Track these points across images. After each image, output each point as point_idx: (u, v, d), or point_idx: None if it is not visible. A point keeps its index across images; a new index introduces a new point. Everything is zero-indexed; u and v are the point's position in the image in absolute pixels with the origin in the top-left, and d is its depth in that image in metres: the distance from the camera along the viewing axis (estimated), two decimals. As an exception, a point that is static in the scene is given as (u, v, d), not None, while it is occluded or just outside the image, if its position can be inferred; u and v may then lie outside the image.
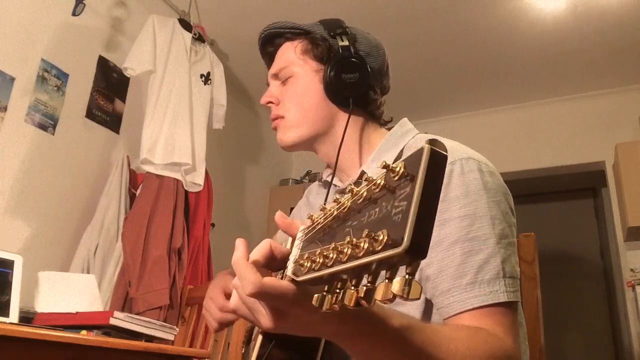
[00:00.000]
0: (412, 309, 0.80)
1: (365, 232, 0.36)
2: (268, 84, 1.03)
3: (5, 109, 2.08)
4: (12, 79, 2.12)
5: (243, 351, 0.86)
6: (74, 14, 2.29)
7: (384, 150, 0.92)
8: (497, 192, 0.79)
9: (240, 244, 0.54)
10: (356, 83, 0.92)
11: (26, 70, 2.18)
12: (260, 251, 0.54)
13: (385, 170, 0.38)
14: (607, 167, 3.35)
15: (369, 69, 0.93)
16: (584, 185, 4.17)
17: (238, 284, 0.52)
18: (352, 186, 0.42)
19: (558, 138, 3.51)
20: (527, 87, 3.50)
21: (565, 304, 4.02)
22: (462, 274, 0.72)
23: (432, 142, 0.36)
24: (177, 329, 1.78)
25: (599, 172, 3.52)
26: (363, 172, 0.90)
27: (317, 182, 1.10)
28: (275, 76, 0.99)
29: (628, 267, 3.15)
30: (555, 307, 3.92)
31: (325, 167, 1.05)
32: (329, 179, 1.01)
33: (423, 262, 0.75)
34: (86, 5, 2.31)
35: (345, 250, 0.37)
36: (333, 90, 0.92)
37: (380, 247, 0.34)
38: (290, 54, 0.97)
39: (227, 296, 0.88)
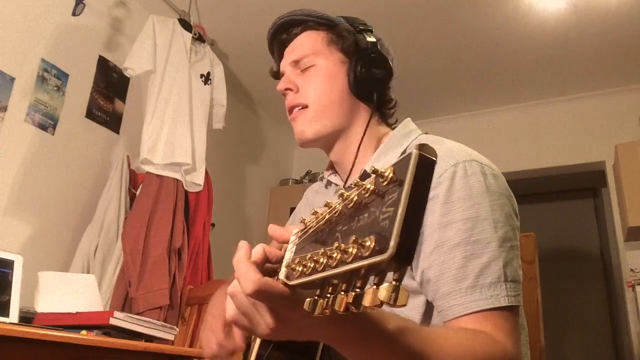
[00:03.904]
0: (412, 311, 0.79)
1: (353, 237, 0.36)
2: (276, 71, 1.01)
3: (5, 109, 2.08)
4: (12, 79, 2.12)
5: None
6: (74, 14, 2.29)
7: (387, 149, 0.92)
8: (500, 195, 0.79)
9: (242, 245, 0.54)
10: (382, 79, 0.92)
11: (26, 70, 2.18)
12: (254, 256, 0.54)
13: (374, 175, 0.38)
14: (607, 167, 3.35)
15: (392, 68, 0.94)
16: (584, 185, 4.17)
17: (235, 290, 0.52)
18: (343, 190, 0.42)
19: (558, 138, 3.51)
20: (528, 87, 3.50)
21: (565, 304, 4.02)
22: (463, 277, 0.72)
23: (421, 147, 0.36)
24: (177, 329, 1.78)
25: (599, 172, 3.51)
26: (365, 172, 0.90)
27: (318, 181, 1.10)
28: (296, 63, 0.96)
29: (628, 267, 3.15)
30: (555, 307, 3.91)
31: (327, 166, 1.05)
32: (330, 178, 1.01)
33: (424, 265, 0.76)
34: (86, 5, 2.31)
35: (334, 255, 0.37)
36: (360, 84, 0.91)
37: (367, 253, 0.34)
38: (314, 42, 0.95)
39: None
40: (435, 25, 2.94)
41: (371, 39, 0.93)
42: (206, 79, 2.73)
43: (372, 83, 0.92)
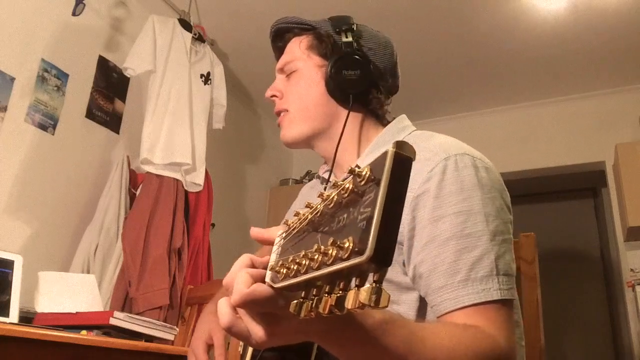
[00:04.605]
0: (406, 308, 0.79)
1: (332, 239, 0.36)
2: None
3: (5, 109, 2.08)
4: (12, 79, 2.12)
5: (241, 351, 0.86)
6: (74, 14, 2.29)
7: (379, 144, 0.92)
8: (492, 188, 0.78)
9: (243, 256, 0.54)
10: (357, 80, 0.91)
11: (26, 70, 2.18)
12: (240, 265, 0.54)
13: (351, 175, 0.38)
14: (607, 167, 3.35)
15: (372, 67, 0.92)
16: (584, 185, 4.17)
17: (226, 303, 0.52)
18: (323, 190, 0.43)
19: (558, 138, 3.51)
20: (527, 87, 3.50)
21: (565, 304, 4.02)
22: (455, 271, 0.72)
23: (398, 145, 0.35)
24: (177, 329, 1.78)
25: (599, 172, 3.52)
26: (357, 166, 0.90)
27: (315, 178, 1.11)
28: (281, 70, 1.00)
29: (628, 267, 3.15)
30: (555, 307, 3.91)
31: (323, 163, 1.05)
32: (325, 175, 1.01)
33: (416, 260, 0.76)
34: (86, 5, 2.31)
35: (315, 257, 0.37)
36: (333, 86, 0.92)
37: (346, 255, 0.34)
38: (295, 48, 0.97)
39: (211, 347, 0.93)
40: (434, 25, 2.94)
41: (347, 39, 0.93)
42: (206, 79, 2.73)
43: (345, 85, 0.91)
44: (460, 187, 0.76)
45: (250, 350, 0.78)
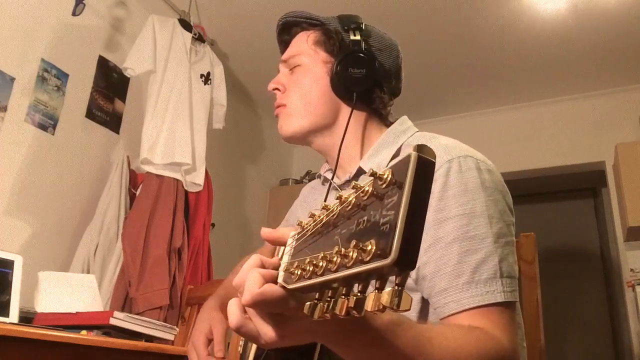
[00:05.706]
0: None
1: (354, 242, 0.36)
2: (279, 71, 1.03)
3: (5, 109, 2.08)
4: (12, 79, 2.12)
5: (241, 351, 0.86)
6: (74, 14, 2.29)
7: (382, 146, 0.92)
8: (495, 190, 0.79)
9: (254, 256, 0.54)
10: (362, 78, 0.90)
11: (26, 70, 2.18)
12: (251, 265, 0.53)
13: (372, 177, 0.38)
14: (607, 167, 3.35)
15: (378, 66, 0.92)
16: (584, 185, 4.17)
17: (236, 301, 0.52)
18: (341, 192, 0.42)
19: (558, 138, 3.51)
20: (527, 87, 3.50)
21: (565, 304, 4.02)
22: (459, 273, 0.72)
23: (419, 148, 0.35)
24: (177, 329, 1.78)
25: (599, 172, 3.51)
26: (360, 169, 0.90)
27: (316, 178, 1.10)
28: (285, 62, 0.99)
29: (628, 267, 3.15)
30: (555, 307, 3.91)
31: (324, 161, 1.05)
32: (326, 175, 1.01)
33: (420, 261, 0.76)
34: (86, 5, 2.31)
35: (334, 259, 0.37)
36: (338, 83, 0.91)
37: (368, 258, 0.34)
38: (302, 43, 0.97)
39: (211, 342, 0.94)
40: (434, 26, 2.94)
41: (355, 37, 0.92)
42: (206, 79, 2.73)
43: (351, 83, 0.91)
44: (464, 189, 0.76)
45: (252, 350, 0.78)
